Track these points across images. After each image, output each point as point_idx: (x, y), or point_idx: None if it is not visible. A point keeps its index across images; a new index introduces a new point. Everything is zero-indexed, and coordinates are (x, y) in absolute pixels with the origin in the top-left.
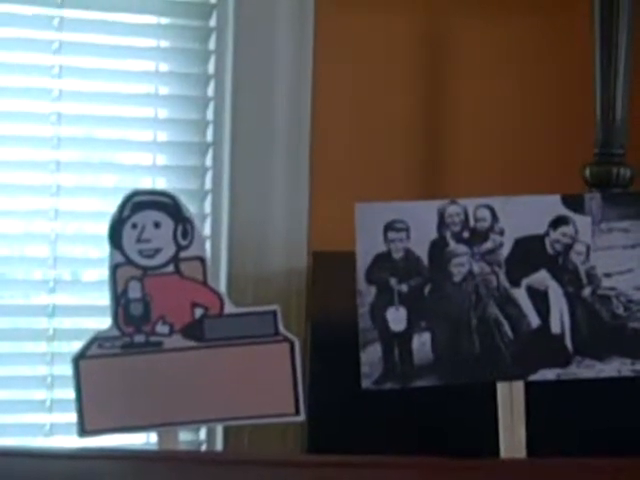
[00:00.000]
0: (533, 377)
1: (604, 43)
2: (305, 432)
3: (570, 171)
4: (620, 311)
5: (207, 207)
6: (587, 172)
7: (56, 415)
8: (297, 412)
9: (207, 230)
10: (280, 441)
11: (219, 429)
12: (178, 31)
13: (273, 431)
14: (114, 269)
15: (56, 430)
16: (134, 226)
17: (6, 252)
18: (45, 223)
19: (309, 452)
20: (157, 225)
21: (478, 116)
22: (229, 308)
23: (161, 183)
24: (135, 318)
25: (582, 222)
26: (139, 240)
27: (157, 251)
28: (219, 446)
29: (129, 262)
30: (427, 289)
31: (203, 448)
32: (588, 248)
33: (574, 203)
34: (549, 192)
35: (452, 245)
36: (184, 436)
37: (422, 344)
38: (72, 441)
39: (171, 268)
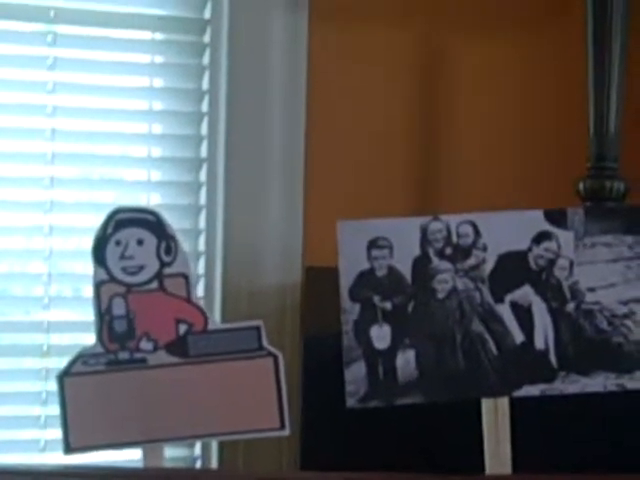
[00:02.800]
0: (518, 393)
1: (597, 57)
2: (298, 447)
3: (565, 186)
4: (604, 326)
5: (201, 222)
6: (581, 186)
7: (50, 431)
8: (282, 426)
9: (201, 246)
10: (275, 457)
11: (214, 445)
12: (172, 47)
13: (268, 446)
14: (98, 286)
15: (50, 447)
16: (117, 243)
17: (3, 269)
18: (39, 239)
19: (302, 468)
20: (140, 242)
21: (475, 131)
22: (213, 324)
23: (155, 199)
24: (119, 335)
25: (565, 237)
26: (123, 257)
27: (141, 268)
28: (214, 462)
29: (113, 279)
30: (411, 306)
31: (198, 464)
32: (571, 263)
33: (557, 218)
34: (544, 207)
35: (435, 262)
36: (179, 452)
37: (406, 361)
38: (66, 458)
39: (155, 285)
